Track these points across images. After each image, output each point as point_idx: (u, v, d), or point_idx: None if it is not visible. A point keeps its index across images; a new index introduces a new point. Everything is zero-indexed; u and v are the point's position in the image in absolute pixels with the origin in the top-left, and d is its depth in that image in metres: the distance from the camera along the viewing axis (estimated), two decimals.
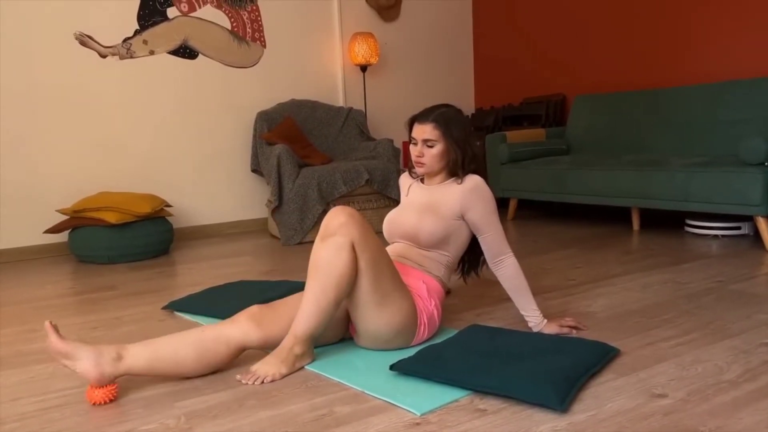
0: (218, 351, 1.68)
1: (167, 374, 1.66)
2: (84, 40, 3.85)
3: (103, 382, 1.56)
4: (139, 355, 1.61)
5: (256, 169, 4.35)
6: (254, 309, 1.76)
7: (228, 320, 1.74)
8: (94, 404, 1.56)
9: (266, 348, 1.75)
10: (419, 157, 1.97)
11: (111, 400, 1.57)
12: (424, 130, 1.96)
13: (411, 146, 2.00)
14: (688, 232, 3.57)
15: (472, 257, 2.11)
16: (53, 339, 1.55)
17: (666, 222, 3.91)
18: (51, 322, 1.56)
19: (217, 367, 1.71)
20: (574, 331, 1.93)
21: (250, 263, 3.33)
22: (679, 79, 4.08)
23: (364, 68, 4.75)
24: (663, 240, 3.40)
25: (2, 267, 3.55)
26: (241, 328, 1.71)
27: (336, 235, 1.68)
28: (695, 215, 3.57)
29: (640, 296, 2.34)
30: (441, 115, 1.96)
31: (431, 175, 2.02)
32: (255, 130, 4.30)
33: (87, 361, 1.55)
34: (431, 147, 1.96)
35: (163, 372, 1.65)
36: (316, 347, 1.79)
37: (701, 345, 1.80)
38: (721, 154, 3.54)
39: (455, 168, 1.97)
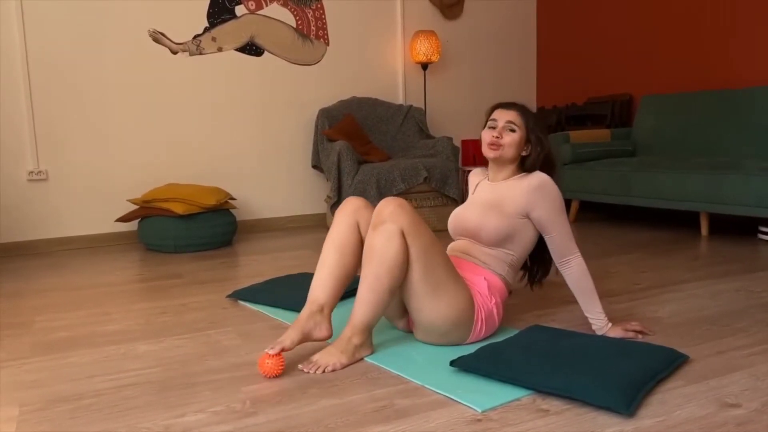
0: (353, 239, 1.85)
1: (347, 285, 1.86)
2: (157, 37, 4.00)
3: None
4: (328, 294, 1.80)
5: (316, 165, 4.42)
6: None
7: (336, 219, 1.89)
8: (266, 375, 1.64)
9: None
10: (497, 138, 1.94)
11: (278, 374, 1.65)
12: (508, 114, 1.96)
13: (486, 130, 1.97)
14: (761, 239, 3.41)
15: (541, 264, 2.09)
16: (287, 345, 1.68)
17: (736, 228, 3.74)
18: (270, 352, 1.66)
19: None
20: (640, 336, 1.88)
21: (310, 256, 3.38)
22: (757, 78, 3.89)
23: (425, 66, 4.74)
24: (734, 247, 3.25)
25: (77, 253, 3.73)
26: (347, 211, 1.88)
27: (386, 222, 1.71)
28: None
29: (711, 303, 2.25)
30: (524, 108, 2.01)
31: (502, 162, 1.98)
32: (316, 126, 4.36)
33: (317, 331, 1.77)
34: (513, 132, 1.94)
35: (345, 286, 1.85)
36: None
37: None
38: None
39: (527, 162, 1.97)
